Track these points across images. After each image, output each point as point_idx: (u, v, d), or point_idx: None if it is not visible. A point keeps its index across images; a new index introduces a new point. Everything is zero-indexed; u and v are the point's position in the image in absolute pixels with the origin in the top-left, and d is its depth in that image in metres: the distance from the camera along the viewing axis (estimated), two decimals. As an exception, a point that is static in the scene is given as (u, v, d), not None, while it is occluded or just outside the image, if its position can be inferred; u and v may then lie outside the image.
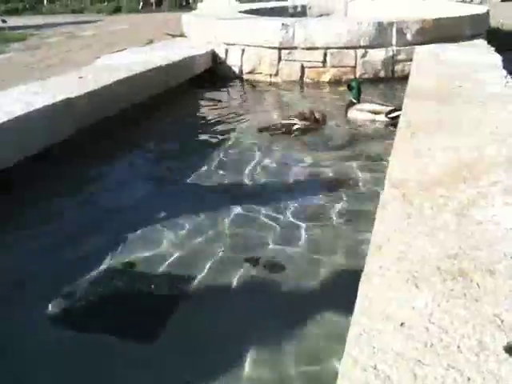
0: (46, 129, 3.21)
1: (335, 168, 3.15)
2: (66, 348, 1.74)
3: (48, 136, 3.21)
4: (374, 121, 3.99)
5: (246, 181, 3.03)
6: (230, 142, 3.70)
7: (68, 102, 3.42)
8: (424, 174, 1.99)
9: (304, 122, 3.77)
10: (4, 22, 11.40)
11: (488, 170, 1.99)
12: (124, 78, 4.12)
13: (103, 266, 2.18)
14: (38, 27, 12.11)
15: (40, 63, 7.43)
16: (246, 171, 3.13)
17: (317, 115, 3.88)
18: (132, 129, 3.88)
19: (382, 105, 4.13)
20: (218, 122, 4.24)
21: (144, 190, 3.02)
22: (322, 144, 3.63)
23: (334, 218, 2.52)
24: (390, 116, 3.89)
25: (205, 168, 3.23)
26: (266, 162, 3.29)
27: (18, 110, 3.08)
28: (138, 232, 2.45)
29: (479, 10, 6.22)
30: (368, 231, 1.76)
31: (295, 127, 3.74)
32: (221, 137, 3.83)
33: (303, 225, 2.46)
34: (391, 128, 3.62)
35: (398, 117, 3.18)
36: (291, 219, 2.52)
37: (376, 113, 4.01)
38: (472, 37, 5.63)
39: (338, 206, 2.62)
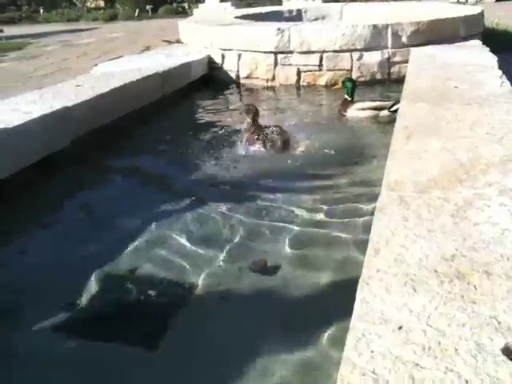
0: (44, 138, 3.21)
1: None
2: (68, 357, 1.74)
3: (46, 145, 3.22)
4: (377, 116, 4.01)
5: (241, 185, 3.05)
6: (223, 149, 3.69)
7: (66, 111, 3.42)
8: (421, 175, 1.99)
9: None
10: (1, 31, 11.46)
11: (484, 170, 1.99)
12: (121, 86, 4.13)
13: (103, 274, 2.18)
14: (35, 36, 12.17)
15: (37, 72, 7.45)
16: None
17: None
18: (130, 135, 3.89)
19: (382, 100, 4.17)
20: (215, 127, 4.23)
21: (141, 197, 3.02)
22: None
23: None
24: (392, 110, 3.91)
25: (203, 174, 3.24)
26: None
27: (16, 119, 3.09)
28: (136, 238, 2.45)
29: (474, 10, 6.23)
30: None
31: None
32: (216, 142, 3.82)
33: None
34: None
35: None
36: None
37: (379, 109, 4.04)
38: (467, 37, 5.65)
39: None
